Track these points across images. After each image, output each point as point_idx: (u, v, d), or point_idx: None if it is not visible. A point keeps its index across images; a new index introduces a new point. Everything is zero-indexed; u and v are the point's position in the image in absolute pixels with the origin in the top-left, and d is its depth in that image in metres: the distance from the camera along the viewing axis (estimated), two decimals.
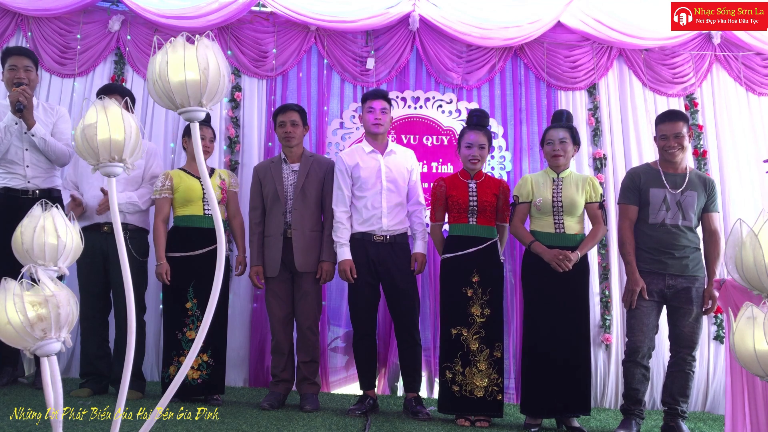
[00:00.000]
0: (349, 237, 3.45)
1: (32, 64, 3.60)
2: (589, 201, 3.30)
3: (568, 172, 3.35)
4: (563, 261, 3.15)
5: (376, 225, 3.44)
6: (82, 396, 3.36)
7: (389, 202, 3.46)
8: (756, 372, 1.68)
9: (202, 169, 1.67)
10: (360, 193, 3.47)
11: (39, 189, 3.53)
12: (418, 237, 3.52)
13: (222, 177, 3.59)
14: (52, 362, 1.68)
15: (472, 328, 3.26)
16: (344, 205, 3.47)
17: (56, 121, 3.65)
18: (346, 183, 3.49)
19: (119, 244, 1.71)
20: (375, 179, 3.47)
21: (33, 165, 3.54)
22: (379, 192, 3.46)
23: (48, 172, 3.60)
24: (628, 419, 3.22)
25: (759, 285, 1.73)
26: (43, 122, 3.59)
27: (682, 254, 3.19)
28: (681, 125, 3.25)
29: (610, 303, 4.19)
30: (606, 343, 4.15)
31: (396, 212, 3.47)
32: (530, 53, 4.46)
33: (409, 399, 3.44)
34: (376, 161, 3.50)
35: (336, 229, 3.45)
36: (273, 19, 4.44)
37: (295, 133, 3.57)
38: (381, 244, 3.43)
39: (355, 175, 3.48)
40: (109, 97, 1.73)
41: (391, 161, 3.52)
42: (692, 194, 3.22)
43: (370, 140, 3.56)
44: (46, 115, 3.64)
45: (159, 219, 3.46)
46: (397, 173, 3.51)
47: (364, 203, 3.45)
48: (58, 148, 3.54)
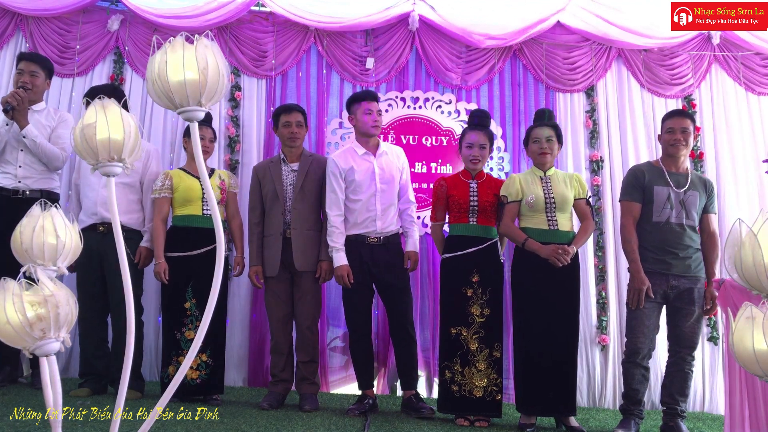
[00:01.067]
0: (344, 240, 3.44)
1: (40, 69, 3.63)
2: (577, 197, 3.31)
3: (554, 170, 3.36)
4: (563, 255, 3.15)
5: (371, 227, 3.44)
6: (81, 396, 3.36)
7: (383, 203, 3.46)
8: (755, 372, 1.68)
9: (201, 169, 1.67)
10: (354, 196, 3.46)
11: (30, 189, 3.53)
12: (410, 235, 3.52)
13: (222, 177, 3.59)
14: (51, 362, 1.68)
15: (472, 328, 3.26)
16: (338, 209, 3.45)
17: (56, 125, 3.65)
18: (340, 186, 3.47)
19: (119, 245, 1.71)
20: (369, 182, 3.46)
21: (26, 165, 3.54)
22: (373, 194, 3.45)
23: (42, 174, 3.59)
24: (627, 419, 3.22)
25: (758, 285, 1.72)
26: (43, 125, 3.59)
27: (686, 254, 3.18)
28: (688, 122, 3.28)
29: (607, 304, 4.20)
30: (603, 344, 4.15)
31: (389, 213, 3.48)
32: (529, 54, 4.46)
33: (408, 397, 3.44)
34: (370, 163, 3.50)
35: (330, 233, 3.43)
36: (272, 18, 4.45)
37: (300, 134, 3.59)
38: (375, 246, 3.43)
39: (349, 179, 3.46)
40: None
41: (384, 162, 3.52)
42: (695, 194, 3.22)
43: (363, 141, 3.55)
44: (48, 119, 3.65)
45: (158, 219, 3.46)
46: (390, 174, 3.51)
47: (359, 206, 3.44)
48: (49, 151, 3.53)
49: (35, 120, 3.56)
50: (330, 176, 3.48)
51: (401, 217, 3.55)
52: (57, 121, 3.67)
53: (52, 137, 3.61)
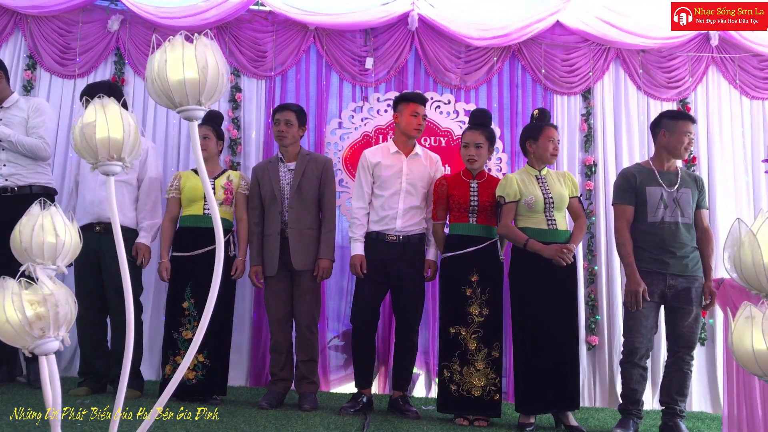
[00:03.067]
0: (365, 234, 3.47)
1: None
2: (571, 195, 3.33)
3: (547, 170, 3.37)
4: (567, 254, 3.15)
5: (390, 225, 3.45)
6: (81, 395, 3.36)
7: (405, 204, 3.46)
8: (754, 372, 1.68)
9: (200, 169, 1.67)
10: (379, 192, 3.49)
11: (17, 186, 3.53)
12: (433, 245, 3.52)
13: (230, 178, 3.58)
14: (50, 361, 1.68)
15: (471, 328, 3.26)
16: (363, 201, 3.50)
17: (29, 116, 3.61)
18: (367, 180, 3.52)
19: (118, 245, 1.71)
20: (395, 179, 3.48)
21: (10, 163, 3.53)
22: (397, 192, 3.47)
23: (30, 169, 3.57)
24: (626, 419, 3.22)
25: (757, 285, 1.72)
26: (19, 118, 3.57)
27: (683, 253, 3.18)
28: (692, 126, 3.29)
29: (597, 306, 4.24)
30: (592, 345, 4.19)
31: (411, 214, 3.47)
32: (528, 54, 4.46)
33: (396, 398, 3.46)
34: (400, 162, 3.51)
35: (351, 224, 3.52)
36: (272, 18, 4.44)
37: (287, 133, 3.57)
38: (393, 244, 3.44)
39: (376, 174, 3.51)
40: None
41: (414, 164, 3.53)
42: (687, 191, 3.23)
43: (401, 141, 3.56)
44: (19, 111, 3.61)
45: (166, 218, 3.56)
46: (418, 176, 3.51)
47: (381, 202, 3.47)
48: (28, 144, 3.52)
49: (8, 115, 3.55)
50: (359, 169, 3.57)
51: (428, 224, 3.54)
52: (29, 111, 3.63)
53: (28, 128, 3.58)
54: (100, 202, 3.43)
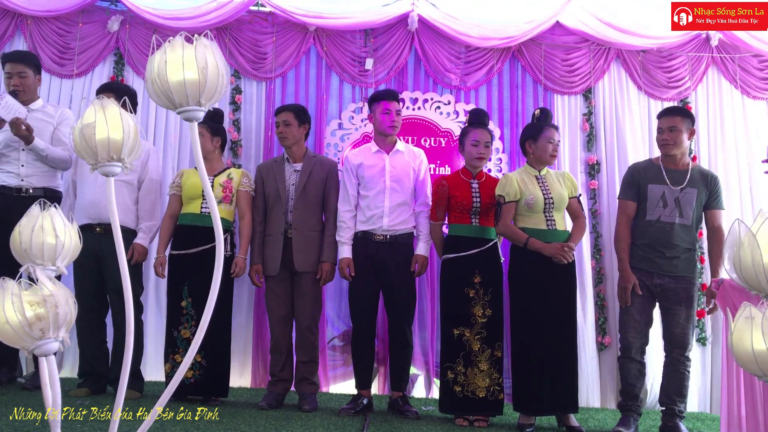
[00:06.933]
0: (352, 236, 3.47)
1: (27, 68, 3.60)
2: (570, 196, 3.33)
3: (546, 169, 3.37)
4: (568, 253, 3.16)
5: (377, 224, 3.44)
6: (80, 395, 3.36)
7: (392, 201, 3.46)
8: (754, 372, 1.68)
9: (200, 168, 1.68)
10: (364, 192, 3.49)
11: (33, 187, 3.53)
12: (422, 239, 3.51)
13: (230, 176, 3.56)
14: (50, 362, 1.68)
15: (474, 329, 3.27)
16: (349, 204, 3.49)
17: (58, 123, 3.64)
18: (351, 182, 3.51)
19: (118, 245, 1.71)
20: (379, 178, 3.48)
21: (29, 164, 3.54)
22: (382, 191, 3.46)
23: (46, 172, 3.59)
24: (627, 416, 3.23)
25: (757, 285, 1.73)
26: (45, 122, 3.59)
27: (673, 254, 3.18)
28: (678, 119, 3.25)
29: (606, 306, 4.22)
30: (605, 345, 4.15)
31: (399, 212, 3.46)
32: (528, 55, 4.45)
33: (395, 398, 3.46)
34: (382, 160, 3.51)
35: (339, 227, 3.49)
36: (272, 19, 4.44)
37: (287, 133, 3.57)
38: (381, 243, 3.44)
39: (360, 174, 3.51)
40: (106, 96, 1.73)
41: (397, 160, 3.53)
42: (692, 191, 3.21)
43: (380, 140, 3.57)
44: (47, 115, 3.63)
45: (167, 214, 3.57)
46: (402, 172, 3.51)
47: (367, 202, 3.47)
48: (57, 156, 3.54)
49: (35, 119, 3.55)
50: (343, 172, 3.58)
51: (416, 219, 3.53)
52: (58, 119, 3.66)
53: (55, 136, 3.60)
54: (100, 202, 3.43)
